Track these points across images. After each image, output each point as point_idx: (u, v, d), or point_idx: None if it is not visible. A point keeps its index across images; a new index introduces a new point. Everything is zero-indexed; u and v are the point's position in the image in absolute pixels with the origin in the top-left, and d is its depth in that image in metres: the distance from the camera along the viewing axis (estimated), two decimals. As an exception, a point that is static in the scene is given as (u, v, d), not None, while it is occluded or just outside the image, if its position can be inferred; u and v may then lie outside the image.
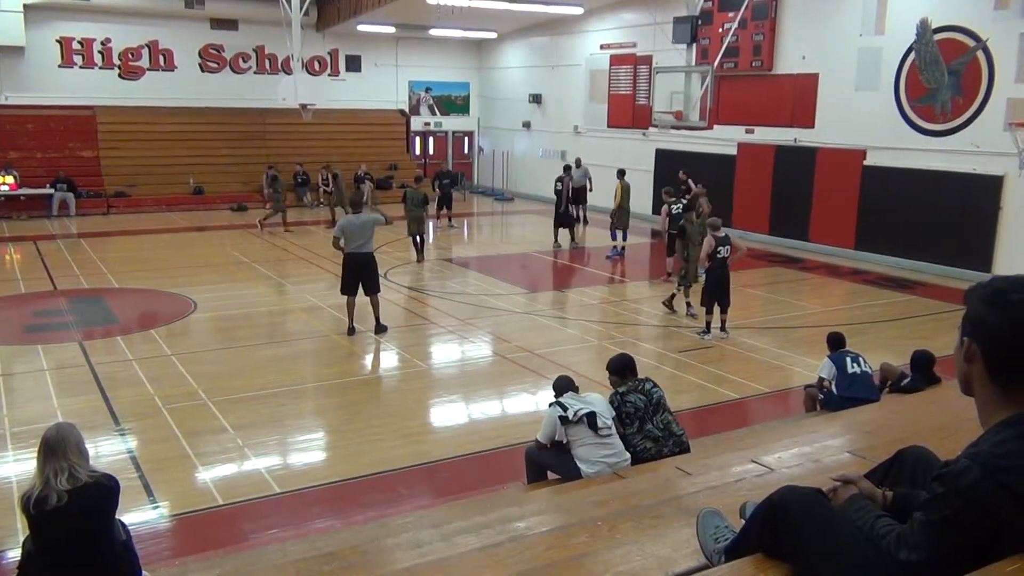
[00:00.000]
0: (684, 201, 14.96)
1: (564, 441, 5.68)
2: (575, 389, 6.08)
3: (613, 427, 5.70)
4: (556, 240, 18.32)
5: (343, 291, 11.00)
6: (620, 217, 17.34)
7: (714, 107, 18.09)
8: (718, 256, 10.84)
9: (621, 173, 17.70)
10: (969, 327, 2.01)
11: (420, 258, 16.44)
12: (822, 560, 2.18)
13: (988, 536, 1.94)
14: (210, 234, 19.65)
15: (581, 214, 21.09)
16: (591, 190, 20.91)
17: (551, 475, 5.99)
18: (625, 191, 17.31)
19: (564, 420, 5.65)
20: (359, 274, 10.89)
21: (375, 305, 11.03)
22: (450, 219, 21.07)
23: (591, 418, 5.61)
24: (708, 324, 11.13)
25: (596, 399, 5.86)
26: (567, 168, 19.27)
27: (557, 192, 18.42)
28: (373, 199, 24.05)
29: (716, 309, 11.05)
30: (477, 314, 12.39)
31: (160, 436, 7.61)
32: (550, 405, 5.88)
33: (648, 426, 5.85)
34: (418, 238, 16.49)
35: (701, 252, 11.12)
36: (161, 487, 6.60)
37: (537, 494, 5.61)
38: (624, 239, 17.37)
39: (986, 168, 14.87)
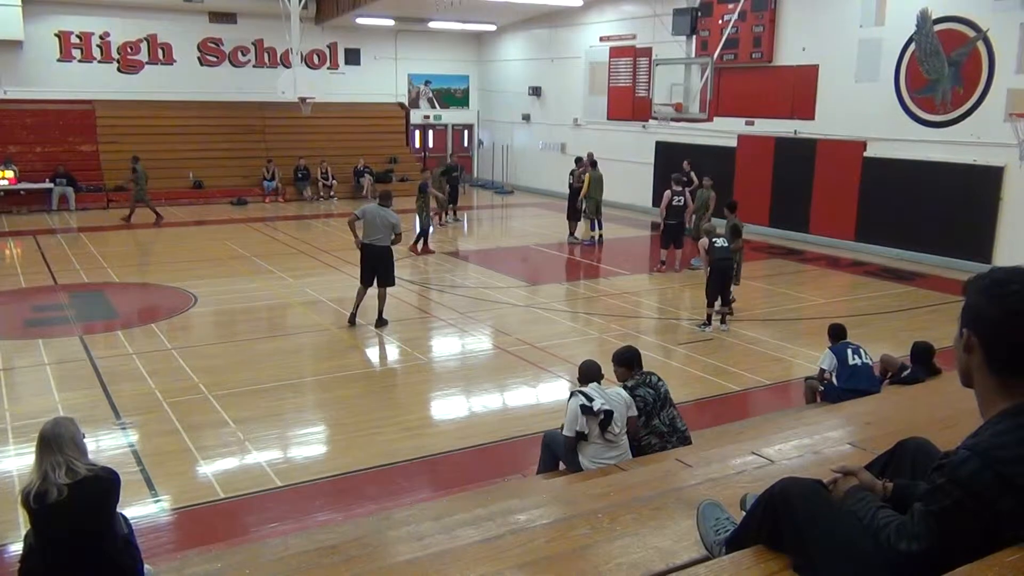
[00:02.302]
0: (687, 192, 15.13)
1: (585, 432, 5.55)
2: (599, 377, 5.94)
3: (622, 432, 5.64)
4: (571, 233, 18.26)
5: (360, 280, 11.10)
6: (590, 207, 17.60)
7: (714, 99, 18.06)
8: (715, 246, 10.90)
9: (594, 163, 17.84)
10: (968, 318, 2.01)
11: (415, 247, 16.48)
12: (822, 551, 2.18)
13: (987, 526, 1.94)
14: (210, 228, 19.62)
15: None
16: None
17: (561, 465, 5.97)
18: (595, 181, 17.44)
19: (586, 410, 5.54)
20: (373, 266, 10.96)
21: (381, 299, 11.05)
22: (454, 212, 21.01)
23: (607, 417, 5.53)
24: (709, 317, 11.14)
25: (617, 397, 5.72)
26: (578, 160, 19.15)
27: (571, 186, 18.47)
28: (373, 191, 24.09)
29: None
30: (477, 307, 12.39)
31: (161, 430, 7.62)
32: (572, 395, 5.76)
33: (655, 421, 5.81)
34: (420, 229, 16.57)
35: (700, 252, 11.18)
36: (162, 481, 6.61)
37: (538, 486, 5.62)
38: (600, 228, 17.75)
39: (986, 159, 14.85)
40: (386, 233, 10.84)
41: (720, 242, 10.96)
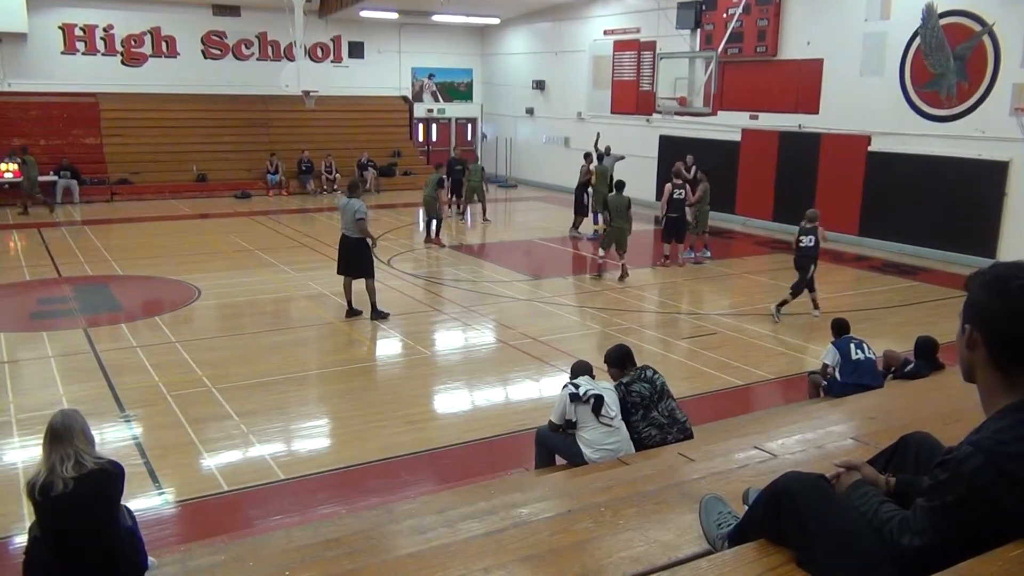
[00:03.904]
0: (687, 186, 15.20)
1: (573, 420, 5.72)
2: (591, 375, 6.09)
3: (617, 418, 5.71)
4: (575, 227, 18.19)
5: (336, 271, 11.23)
6: (597, 200, 17.59)
7: (718, 93, 18.04)
8: (800, 245, 11.36)
9: (600, 157, 17.82)
10: (970, 314, 2.01)
11: (427, 239, 16.58)
12: (825, 546, 2.18)
13: (991, 522, 1.94)
14: (213, 221, 19.65)
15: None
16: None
17: (559, 460, 6.02)
18: (600, 174, 17.44)
19: (575, 398, 5.70)
20: (344, 256, 11.07)
21: (368, 291, 11.05)
22: (459, 206, 20.92)
23: (597, 401, 5.64)
24: (782, 303, 11.40)
25: (608, 389, 5.88)
26: (587, 156, 18.98)
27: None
28: (377, 185, 24.10)
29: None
30: (480, 301, 12.40)
31: (165, 423, 7.63)
32: (564, 387, 5.93)
33: (653, 413, 5.86)
34: (433, 221, 16.59)
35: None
36: (166, 473, 6.63)
37: (541, 480, 5.63)
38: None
39: (991, 154, 14.81)
40: (349, 223, 10.87)
41: (806, 241, 11.33)
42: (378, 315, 11.07)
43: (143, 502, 6.02)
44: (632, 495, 3.60)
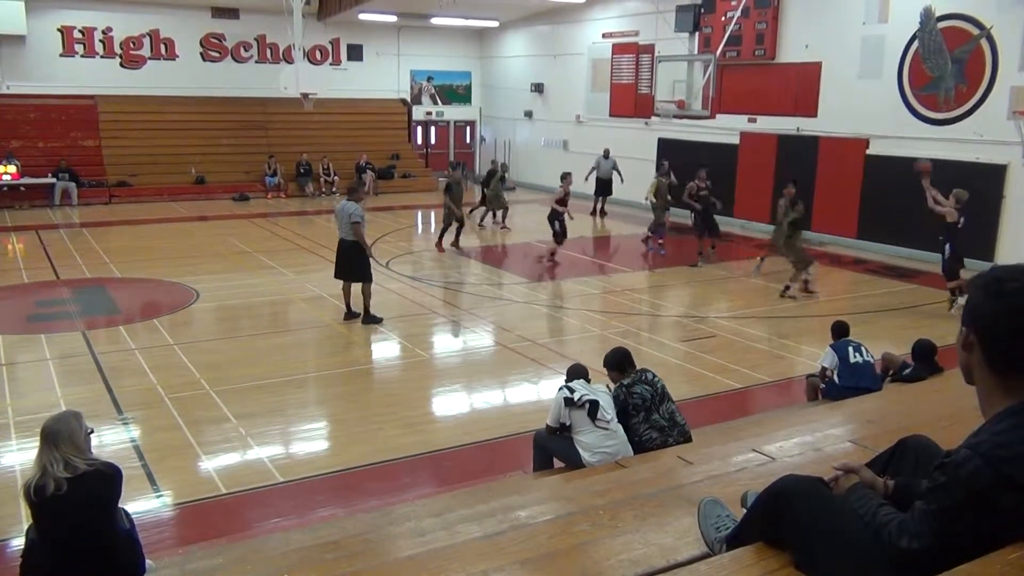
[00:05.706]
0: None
1: (568, 424, 5.74)
2: (587, 379, 6.13)
3: (614, 421, 5.72)
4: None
5: (334, 275, 11.22)
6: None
7: (716, 96, 18.06)
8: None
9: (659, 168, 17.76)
10: (968, 316, 2.01)
11: (440, 246, 16.48)
12: (823, 548, 2.18)
13: (989, 525, 1.95)
14: (212, 224, 19.63)
15: (601, 206, 21.07)
16: (622, 182, 20.85)
17: (556, 462, 6.03)
18: (658, 188, 17.10)
19: (569, 402, 5.72)
20: (341, 260, 11.05)
21: (363, 295, 11.01)
22: (494, 214, 20.69)
23: (593, 406, 5.66)
24: (952, 291, 11.76)
25: (603, 392, 5.90)
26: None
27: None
28: (375, 188, 24.09)
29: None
30: (479, 303, 12.40)
31: (163, 425, 7.63)
32: (559, 389, 5.95)
33: (654, 416, 5.87)
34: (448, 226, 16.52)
35: (945, 210, 11.76)
36: (164, 476, 6.62)
37: (539, 483, 5.63)
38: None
39: (989, 157, 14.82)
40: (344, 225, 10.84)
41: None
42: (370, 319, 11.01)
43: (141, 504, 6.02)
44: (630, 498, 3.60)
